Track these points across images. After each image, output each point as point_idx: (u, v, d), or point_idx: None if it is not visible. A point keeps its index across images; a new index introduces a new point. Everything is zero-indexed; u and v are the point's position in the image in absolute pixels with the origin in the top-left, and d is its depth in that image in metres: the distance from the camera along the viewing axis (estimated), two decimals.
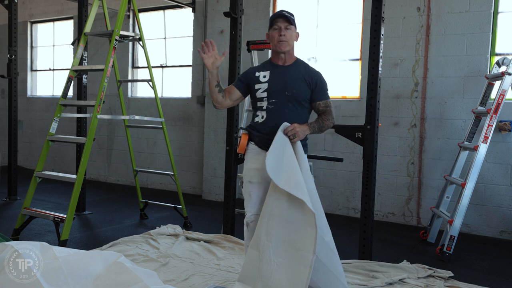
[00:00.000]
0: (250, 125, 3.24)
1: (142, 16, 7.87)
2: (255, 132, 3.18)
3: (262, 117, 3.16)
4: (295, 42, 3.17)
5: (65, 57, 9.06)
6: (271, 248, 2.90)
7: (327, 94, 3.22)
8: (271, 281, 2.86)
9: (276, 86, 3.13)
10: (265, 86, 3.14)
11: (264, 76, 3.17)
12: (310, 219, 2.78)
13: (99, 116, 4.48)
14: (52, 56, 9.34)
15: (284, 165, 2.90)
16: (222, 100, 3.20)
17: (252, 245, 3.00)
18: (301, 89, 3.13)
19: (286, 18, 3.08)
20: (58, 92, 9.13)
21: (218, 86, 3.16)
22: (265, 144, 3.13)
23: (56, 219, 4.30)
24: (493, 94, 4.89)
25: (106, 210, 6.04)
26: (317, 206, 2.92)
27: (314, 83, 3.16)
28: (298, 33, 3.19)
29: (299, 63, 3.23)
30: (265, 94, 3.14)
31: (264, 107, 3.15)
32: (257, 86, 3.16)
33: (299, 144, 3.03)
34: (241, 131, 3.29)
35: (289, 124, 3.02)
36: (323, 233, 2.92)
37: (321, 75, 3.22)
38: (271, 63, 3.22)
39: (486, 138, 4.47)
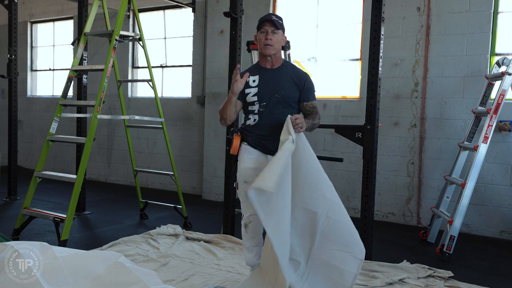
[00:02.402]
0: (242, 127, 3.27)
1: (142, 16, 7.87)
2: (248, 133, 3.22)
3: (254, 120, 3.20)
4: (281, 45, 3.20)
5: (65, 57, 9.06)
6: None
7: (314, 95, 3.27)
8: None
9: (266, 90, 3.17)
10: (255, 90, 3.17)
11: (254, 81, 3.20)
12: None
13: (99, 116, 4.48)
14: (52, 56, 9.34)
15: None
16: (233, 119, 3.24)
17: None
18: (290, 91, 3.18)
19: (273, 23, 3.11)
20: (58, 92, 9.13)
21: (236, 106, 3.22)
22: (257, 144, 3.19)
23: (56, 219, 4.30)
24: (493, 94, 4.89)
25: (106, 210, 6.04)
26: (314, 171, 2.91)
27: (303, 84, 3.21)
28: (285, 37, 3.23)
29: (286, 65, 3.28)
30: (255, 98, 3.17)
31: (256, 111, 3.19)
32: (247, 91, 3.19)
33: (303, 138, 2.99)
34: (234, 133, 3.31)
35: (293, 117, 3.00)
36: (323, 191, 2.90)
37: (309, 76, 3.27)
38: (260, 67, 3.26)
39: (486, 138, 4.47)
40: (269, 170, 2.72)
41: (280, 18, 3.19)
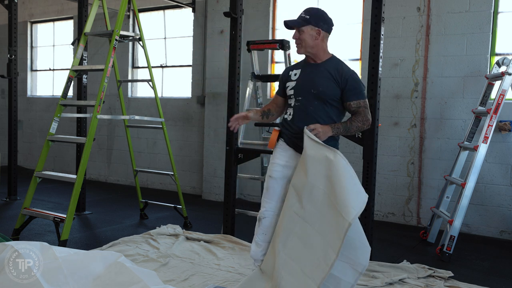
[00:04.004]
0: (282, 122, 3.27)
1: (142, 16, 7.87)
2: (284, 130, 3.19)
3: (290, 114, 3.15)
4: (315, 39, 3.06)
5: (65, 57, 9.06)
6: (283, 259, 2.89)
7: (360, 94, 3.05)
8: None
9: (302, 84, 3.11)
10: (293, 84, 3.14)
11: (295, 74, 3.17)
12: (328, 258, 2.69)
13: (99, 116, 4.48)
14: (52, 56, 9.34)
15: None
16: (275, 118, 3.36)
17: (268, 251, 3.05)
18: (327, 88, 3.04)
19: (289, 26, 3.08)
20: (58, 92, 9.13)
21: (263, 115, 3.29)
22: (292, 142, 3.14)
23: (56, 219, 4.30)
24: (493, 94, 4.89)
25: (106, 210, 6.04)
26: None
27: (344, 82, 3.03)
28: (318, 29, 3.07)
29: (331, 61, 3.13)
30: (292, 92, 3.14)
31: (292, 104, 3.15)
32: (287, 84, 3.19)
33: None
34: (273, 128, 3.32)
35: (308, 127, 2.98)
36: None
37: (354, 74, 3.08)
38: (304, 61, 3.22)
39: (486, 138, 4.47)
40: (345, 198, 2.79)
41: (308, 12, 3.09)
